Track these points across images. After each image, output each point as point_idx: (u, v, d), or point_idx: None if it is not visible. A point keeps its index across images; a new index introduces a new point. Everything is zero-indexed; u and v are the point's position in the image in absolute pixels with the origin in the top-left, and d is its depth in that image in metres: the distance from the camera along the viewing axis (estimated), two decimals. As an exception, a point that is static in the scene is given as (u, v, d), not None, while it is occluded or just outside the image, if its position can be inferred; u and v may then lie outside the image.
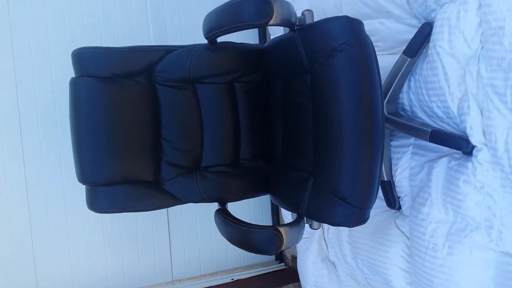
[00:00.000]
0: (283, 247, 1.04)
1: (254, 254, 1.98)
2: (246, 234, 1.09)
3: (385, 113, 1.26)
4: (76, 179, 1.22)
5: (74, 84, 1.20)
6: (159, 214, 1.80)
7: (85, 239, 1.69)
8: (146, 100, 1.22)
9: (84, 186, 1.22)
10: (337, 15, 1.24)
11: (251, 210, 1.96)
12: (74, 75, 1.21)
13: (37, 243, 1.62)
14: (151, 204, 1.24)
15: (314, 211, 1.08)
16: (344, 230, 1.53)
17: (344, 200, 1.01)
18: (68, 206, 1.66)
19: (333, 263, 1.65)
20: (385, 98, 1.26)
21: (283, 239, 1.03)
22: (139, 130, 1.21)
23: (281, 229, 1.04)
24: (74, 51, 1.20)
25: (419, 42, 1.18)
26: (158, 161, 1.24)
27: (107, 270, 1.73)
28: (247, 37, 1.90)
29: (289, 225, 1.08)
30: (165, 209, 1.81)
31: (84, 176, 1.20)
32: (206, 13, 1.17)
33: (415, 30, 1.20)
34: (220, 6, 1.11)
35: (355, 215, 1.02)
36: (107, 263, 1.73)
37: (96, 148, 1.19)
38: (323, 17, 1.07)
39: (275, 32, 1.64)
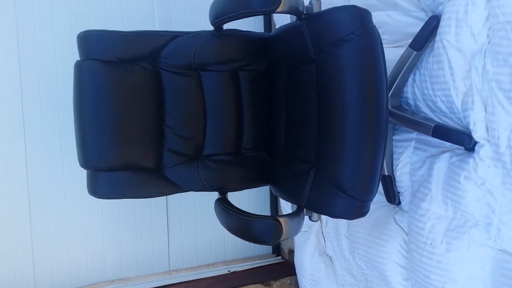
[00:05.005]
0: (282, 238, 1.04)
1: (251, 246, 1.98)
2: (246, 223, 1.08)
3: (389, 106, 1.26)
4: (77, 164, 1.22)
5: (79, 68, 1.19)
6: (158, 204, 1.80)
7: (83, 226, 1.68)
8: (150, 85, 1.21)
9: (85, 171, 1.22)
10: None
11: (250, 201, 1.96)
12: (78, 58, 1.20)
13: (35, 228, 1.61)
14: (152, 191, 1.23)
15: (314, 203, 1.08)
16: (342, 224, 1.53)
17: (345, 192, 1.00)
18: (68, 191, 1.65)
19: (330, 257, 1.65)
20: (389, 92, 1.25)
21: (282, 229, 1.03)
22: (142, 115, 1.21)
23: (281, 219, 1.03)
24: (79, 34, 1.19)
25: (426, 36, 1.17)
26: (160, 148, 1.23)
27: (104, 257, 1.73)
28: (252, 25, 1.88)
29: (289, 215, 1.08)
30: (164, 199, 1.81)
31: (86, 160, 1.20)
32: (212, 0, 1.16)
33: (422, 23, 1.19)
34: (228, -8, 1.10)
35: (355, 207, 1.02)
36: (104, 251, 1.72)
37: (99, 133, 1.19)
38: (330, 7, 1.06)
39: (281, 21, 1.63)
